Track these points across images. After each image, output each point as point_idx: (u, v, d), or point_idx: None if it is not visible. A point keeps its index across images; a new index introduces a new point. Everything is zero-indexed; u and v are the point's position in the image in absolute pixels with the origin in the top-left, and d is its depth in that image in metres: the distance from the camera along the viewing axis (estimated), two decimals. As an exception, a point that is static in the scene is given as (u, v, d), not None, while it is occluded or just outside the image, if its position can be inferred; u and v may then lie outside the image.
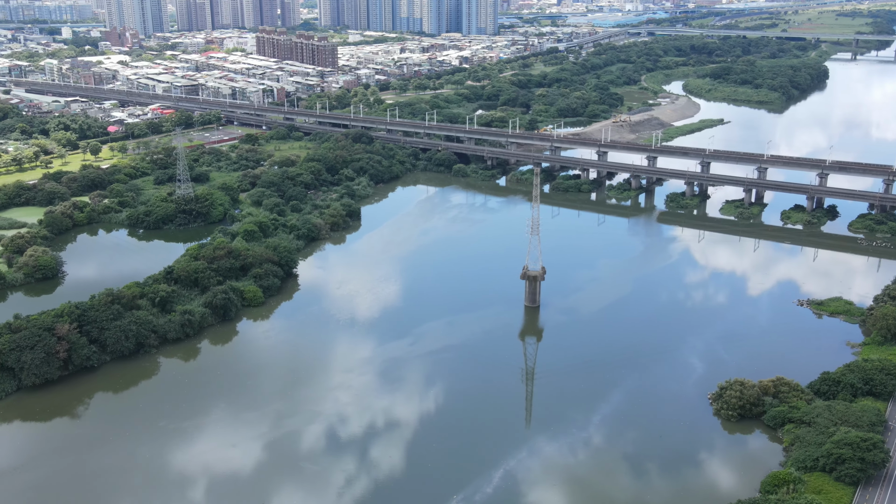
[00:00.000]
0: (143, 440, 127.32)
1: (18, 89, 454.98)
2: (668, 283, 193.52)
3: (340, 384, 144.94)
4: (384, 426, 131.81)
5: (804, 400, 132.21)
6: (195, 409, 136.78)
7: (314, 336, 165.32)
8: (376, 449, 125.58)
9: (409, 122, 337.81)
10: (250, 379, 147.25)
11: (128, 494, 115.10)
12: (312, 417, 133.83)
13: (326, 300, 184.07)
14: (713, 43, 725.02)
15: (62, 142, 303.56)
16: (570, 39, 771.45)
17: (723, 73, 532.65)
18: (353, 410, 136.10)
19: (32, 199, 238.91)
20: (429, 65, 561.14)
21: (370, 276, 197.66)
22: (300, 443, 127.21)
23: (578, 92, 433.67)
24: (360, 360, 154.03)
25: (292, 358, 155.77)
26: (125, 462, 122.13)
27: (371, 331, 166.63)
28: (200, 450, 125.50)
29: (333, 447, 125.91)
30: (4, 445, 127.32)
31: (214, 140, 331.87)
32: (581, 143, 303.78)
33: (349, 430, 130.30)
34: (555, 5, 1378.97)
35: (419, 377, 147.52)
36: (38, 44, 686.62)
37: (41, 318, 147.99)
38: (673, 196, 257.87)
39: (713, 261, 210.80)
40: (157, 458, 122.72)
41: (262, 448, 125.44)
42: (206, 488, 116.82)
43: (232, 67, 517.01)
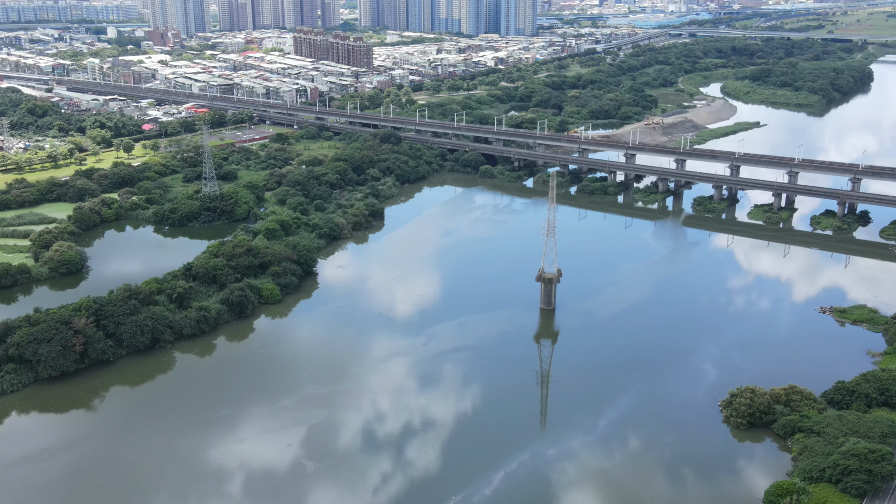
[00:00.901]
0: (153, 432, 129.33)
1: (60, 88, 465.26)
2: (688, 287, 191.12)
3: (351, 383, 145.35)
4: (391, 426, 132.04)
5: (816, 409, 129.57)
6: (206, 404, 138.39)
7: (328, 334, 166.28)
8: (381, 448, 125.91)
9: (437, 122, 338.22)
10: (261, 375, 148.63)
11: (138, 482, 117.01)
12: (322, 415, 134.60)
13: (343, 299, 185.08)
14: (755, 44, 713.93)
15: (97, 139, 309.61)
16: (609, 41, 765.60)
17: (762, 74, 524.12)
18: (362, 409, 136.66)
19: (64, 195, 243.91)
20: (464, 66, 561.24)
21: (388, 275, 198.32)
22: (307, 440, 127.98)
23: (612, 94, 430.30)
24: (372, 359, 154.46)
25: (305, 355, 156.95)
26: (138, 451, 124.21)
27: (386, 330, 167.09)
28: (209, 444, 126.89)
29: (342, 446, 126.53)
30: (20, 435, 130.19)
31: (245, 139, 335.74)
32: (608, 145, 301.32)
33: (357, 430, 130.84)
34: (596, 6, 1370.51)
35: (431, 377, 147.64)
36: (83, 43, 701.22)
37: (60, 312, 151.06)
38: (700, 200, 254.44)
39: (736, 266, 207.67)
40: (166, 450, 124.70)
41: (269, 443, 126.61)
42: (213, 481, 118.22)
43: (268, 67, 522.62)
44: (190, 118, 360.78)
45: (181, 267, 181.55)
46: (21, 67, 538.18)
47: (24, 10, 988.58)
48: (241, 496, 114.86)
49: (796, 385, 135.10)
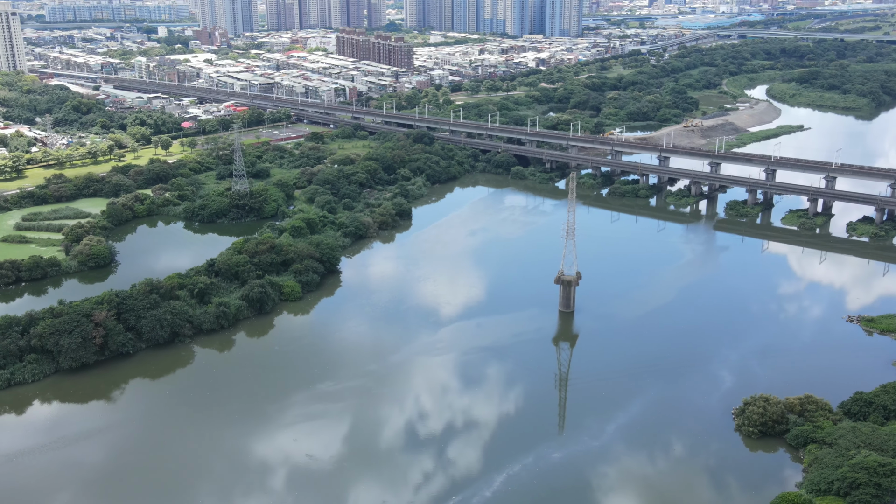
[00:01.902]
0: (171, 424, 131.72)
1: (108, 86, 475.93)
2: (712, 292, 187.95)
3: (365, 380, 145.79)
4: (401, 425, 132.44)
5: (832, 420, 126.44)
6: (221, 398, 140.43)
7: (346, 331, 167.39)
8: (388, 448, 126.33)
9: (471, 123, 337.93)
10: (274, 372, 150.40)
11: (149, 471, 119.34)
12: (333, 411, 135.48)
13: (364, 297, 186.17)
14: (805, 46, 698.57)
15: (136, 136, 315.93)
16: (654, 42, 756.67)
17: (810, 77, 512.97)
18: (373, 407, 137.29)
19: (100, 190, 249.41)
20: (504, 66, 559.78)
21: (411, 274, 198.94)
22: (317, 436, 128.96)
23: (651, 95, 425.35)
24: (388, 357, 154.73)
25: (320, 352, 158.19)
26: (155, 442, 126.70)
27: (404, 328, 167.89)
28: (221, 437, 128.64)
29: (350, 443, 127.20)
30: (40, 424, 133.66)
31: (281, 137, 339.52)
32: (642, 148, 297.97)
33: (367, 427, 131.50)
34: (645, 7, 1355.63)
35: (444, 376, 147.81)
36: (133, 42, 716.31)
37: (82, 305, 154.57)
38: (733, 204, 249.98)
39: (766, 271, 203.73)
40: (181, 440, 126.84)
41: (278, 437, 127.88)
42: (218, 473, 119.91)
43: (310, 66, 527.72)
44: (228, 116, 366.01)
45: (204, 263, 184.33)
46: (72, 66, 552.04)
47: (80, 9, 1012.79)
48: (250, 489, 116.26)
49: (812, 395, 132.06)
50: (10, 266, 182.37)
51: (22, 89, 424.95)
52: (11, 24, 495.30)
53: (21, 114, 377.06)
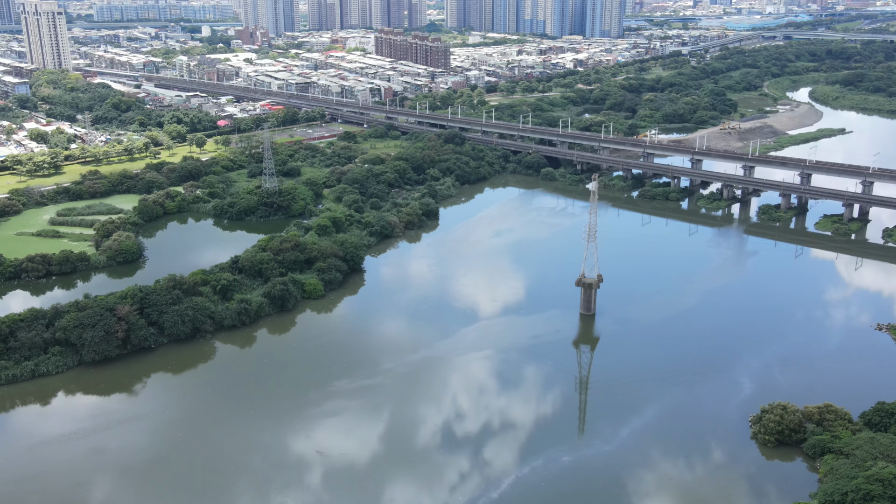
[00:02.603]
0: (186, 418, 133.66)
1: (149, 84, 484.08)
2: (737, 298, 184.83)
3: (380, 378, 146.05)
4: (413, 424, 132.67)
5: (851, 430, 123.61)
6: (241, 392, 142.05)
7: (365, 330, 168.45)
8: (401, 446, 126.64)
9: (503, 123, 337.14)
10: (291, 369, 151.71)
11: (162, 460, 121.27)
12: (346, 408, 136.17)
13: (386, 296, 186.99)
14: (853, 48, 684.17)
15: (172, 134, 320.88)
16: (696, 43, 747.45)
17: (855, 79, 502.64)
18: (387, 405, 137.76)
19: (133, 187, 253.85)
20: (542, 67, 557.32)
21: (434, 274, 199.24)
22: (329, 433, 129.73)
23: (689, 97, 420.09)
24: (405, 356, 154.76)
25: (338, 350, 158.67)
26: (173, 434, 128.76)
27: (423, 327, 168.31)
28: (242, 430, 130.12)
29: (359, 441, 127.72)
30: (62, 414, 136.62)
31: (315, 136, 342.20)
32: (674, 150, 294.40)
33: (379, 426, 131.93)
34: (690, 8, 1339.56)
35: (459, 378, 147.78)
36: (176, 41, 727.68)
37: (106, 299, 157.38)
38: (766, 208, 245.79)
39: (794, 277, 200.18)
40: (197, 434, 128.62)
41: (293, 434, 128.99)
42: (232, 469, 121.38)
43: (348, 66, 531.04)
44: (264, 115, 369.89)
45: (228, 260, 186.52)
46: (115, 64, 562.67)
47: (127, 9, 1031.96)
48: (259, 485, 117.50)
49: (832, 404, 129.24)
50: (41, 260, 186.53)
51: (66, 87, 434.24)
52: (58, 24, 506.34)
53: (63, 111, 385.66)
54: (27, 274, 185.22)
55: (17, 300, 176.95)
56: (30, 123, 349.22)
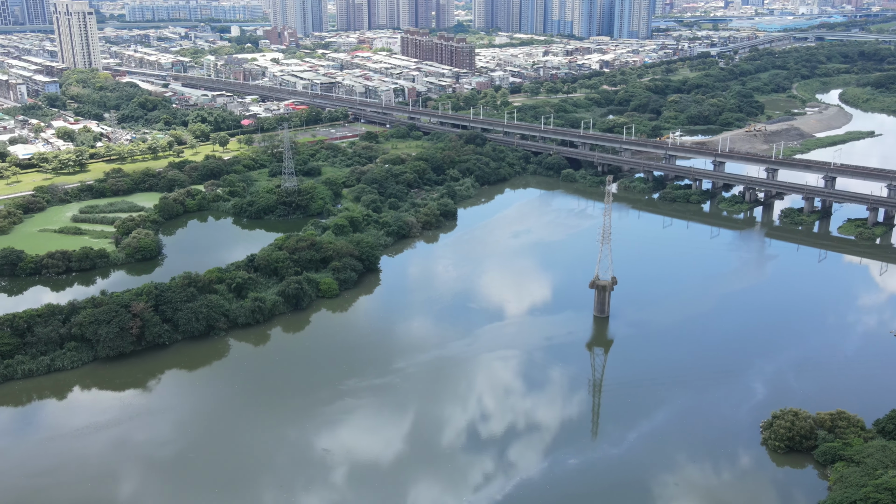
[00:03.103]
0: (200, 413, 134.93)
1: (176, 83, 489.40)
2: (754, 301, 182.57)
3: (391, 378, 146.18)
4: (421, 424, 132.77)
5: (863, 438, 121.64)
6: (254, 389, 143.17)
7: (377, 329, 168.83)
8: (404, 446, 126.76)
9: (525, 125, 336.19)
10: (301, 367, 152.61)
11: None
12: (354, 407, 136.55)
13: (400, 296, 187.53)
14: (886, 49, 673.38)
15: (196, 133, 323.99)
16: (726, 44, 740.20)
17: (887, 81, 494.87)
18: (396, 405, 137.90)
19: (155, 185, 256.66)
20: (567, 68, 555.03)
21: (448, 275, 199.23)
22: (334, 432, 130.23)
23: (714, 99, 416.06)
24: (416, 356, 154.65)
25: (350, 349, 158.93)
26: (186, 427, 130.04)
27: (436, 327, 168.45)
28: (245, 427, 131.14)
29: (365, 440, 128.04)
30: (82, 407, 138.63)
31: (337, 136, 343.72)
32: (696, 152, 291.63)
33: (387, 425, 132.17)
34: (721, 8, 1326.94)
35: (469, 378, 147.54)
36: (205, 41, 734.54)
37: (122, 296, 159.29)
38: (788, 211, 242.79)
39: (814, 282, 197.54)
40: (211, 429, 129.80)
41: (294, 431, 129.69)
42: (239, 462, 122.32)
43: (373, 66, 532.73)
44: (287, 115, 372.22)
45: (245, 258, 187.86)
46: (144, 64, 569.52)
47: (159, 9, 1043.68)
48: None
49: (845, 411, 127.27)
50: (61, 256, 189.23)
51: (95, 86, 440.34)
52: (88, 24, 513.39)
53: (91, 110, 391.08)
54: (47, 270, 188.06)
55: (36, 296, 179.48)
56: (58, 122, 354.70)
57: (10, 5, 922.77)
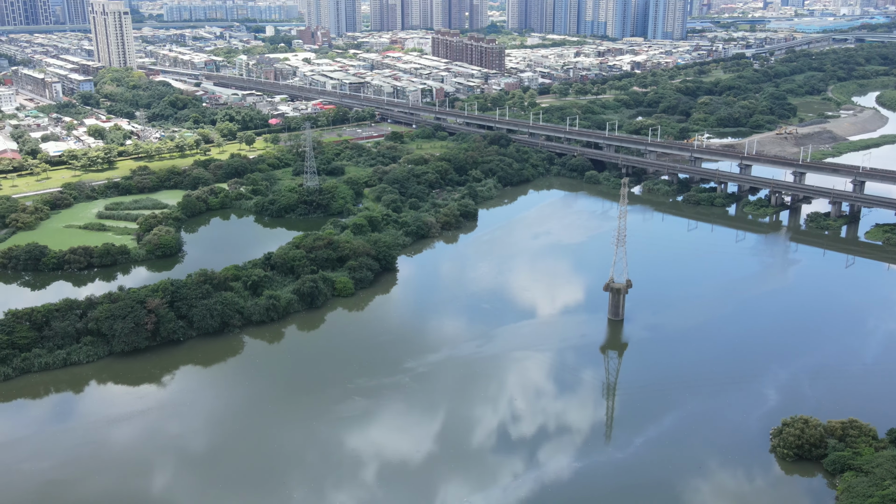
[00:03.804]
0: (213, 407, 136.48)
1: (208, 82, 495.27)
2: (773, 306, 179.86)
3: (401, 377, 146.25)
4: (427, 424, 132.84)
5: (875, 447, 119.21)
6: (261, 386, 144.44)
7: (390, 329, 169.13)
8: (415, 449, 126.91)
9: (550, 126, 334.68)
10: (312, 365, 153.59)
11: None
12: (362, 407, 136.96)
13: (415, 295, 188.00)
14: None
15: (223, 131, 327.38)
16: (762, 45, 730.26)
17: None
18: (403, 405, 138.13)
19: (180, 182, 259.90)
20: (598, 69, 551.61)
21: (465, 275, 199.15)
22: (339, 431, 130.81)
23: (746, 101, 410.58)
24: (426, 355, 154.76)
25: (362, 347, 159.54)
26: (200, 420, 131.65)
27: (448, 328, 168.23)
28: (262, 423, 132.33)
29: (371, 439, 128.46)
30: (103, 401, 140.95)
31: (363, 136, 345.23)
32: (722, 155, 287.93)
33: (393, 426, 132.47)
34: (760, 9, 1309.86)
35: (477, 379, 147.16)
36: (239, 41, 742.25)
37: (139, 292, 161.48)
38: (814, 216, 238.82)
39: (836, 288, 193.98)
40: (225, 424, 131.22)
41: (307, 430, 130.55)
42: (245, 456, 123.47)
43: (403, 67, 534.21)
44: (314, 114, 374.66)
45: (262, 256, 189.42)
46: (178, 63, 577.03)
47: (196, 9, 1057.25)
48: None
49: (857, 419, 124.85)
50: (83, 252, 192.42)
51: (128, 85, 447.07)
52: (123, 23, 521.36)
53: (123, 108, 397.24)
54: (69, 265, 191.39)
55: (58, 290, 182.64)
56: (90, 120, 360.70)
57: (51, 5, 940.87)
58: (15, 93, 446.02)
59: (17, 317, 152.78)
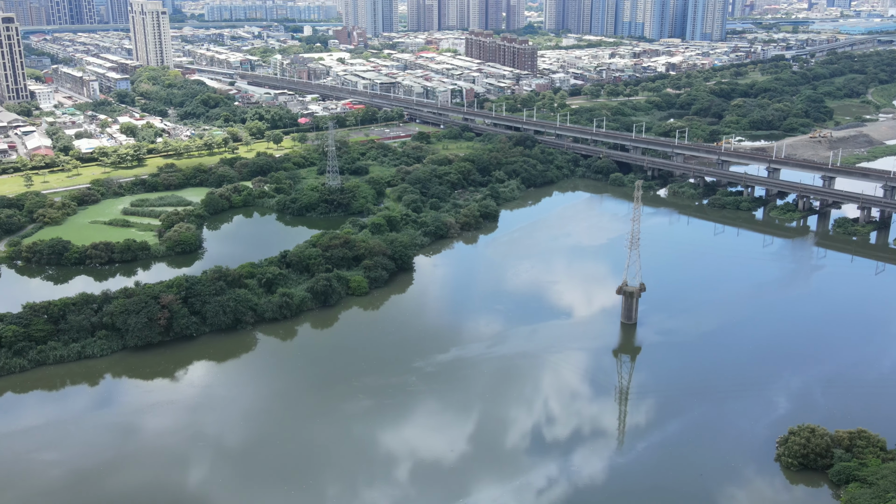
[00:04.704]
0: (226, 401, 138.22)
1: (242, 81, 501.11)
2: (792, 313, 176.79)
3: (408, 377, 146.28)
4: (432, 424, 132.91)
5: (882, 458, 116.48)
6: (270, 382, 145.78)
7: (400, 328, 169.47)
8: (409, 446, 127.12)
9: (577, 127, 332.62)
10: (321, 364, 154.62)
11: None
12: (366, 408, 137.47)
13: (429, 295, 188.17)
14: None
15: (252, 130, 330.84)
16: (803, 47, 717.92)
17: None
18: (408, 406, 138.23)
19: (206, 180, 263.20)
20: (632, 70, 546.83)
21: (480, 277, 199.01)
22: (341, 431, 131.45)
23: (780, 103, 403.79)
24: (435, 356, 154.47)
25: (371, 346, 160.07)
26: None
27: (459, 329, 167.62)
28: (270, 419, 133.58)
29: (376, 439, 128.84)
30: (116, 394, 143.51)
31: (390, 136, 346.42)
32: (750, 158, 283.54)
33: (397, 426, 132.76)
34: (804, 10, 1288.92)
35: (483, 380, 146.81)
36: (276, 41, 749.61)
37: (154, 287, 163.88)
38: (842, 221, 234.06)
39: (858, 295, 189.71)
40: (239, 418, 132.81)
41: (309, 429, 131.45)
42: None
43: (435, 67, 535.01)
44: (343, 114, 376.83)
45: (278, 254, 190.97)
46: (215, 62, 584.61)
47: (236, 9, 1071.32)
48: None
49: (866, 430, 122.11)
50: (104, 247, 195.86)
51: (164, 83, 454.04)
52: (161, 23, 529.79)
53: (157, 106, 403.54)
54: (91, 260, 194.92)
55: (79, 285, 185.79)
56: (124, 117, 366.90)
57: (95, 5, 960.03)
58: (55, 91, 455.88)
59: (35, 310, 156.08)
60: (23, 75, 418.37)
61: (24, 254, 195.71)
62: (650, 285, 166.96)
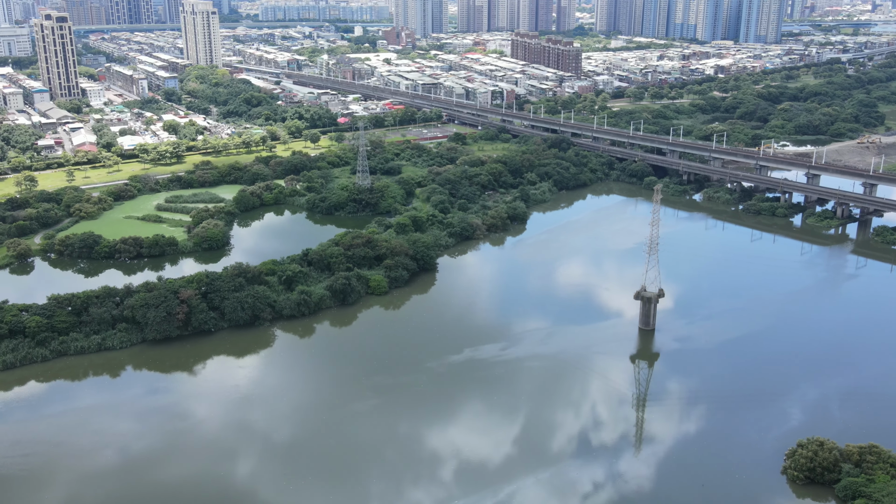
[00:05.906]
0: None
1: (287, 81, 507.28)
2: (818, 322, 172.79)
3: (418, 377, 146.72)
4: (436, 425, 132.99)
5: (891, 475, 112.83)
6: (280, 378, 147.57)
7: (417, 327, 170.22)
8: (415, 448, 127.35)
9: (614, 130, 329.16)
10: (332, 362, 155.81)
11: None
12: (372, 406, 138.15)
13: (450, 296, 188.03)
14: None
15: (290, 129, 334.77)
16: (861, 50, 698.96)
17: None
18: (412, 407, 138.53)
19: (240, 178, 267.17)
20: (679, 73, 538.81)
21: (503, 278, 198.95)
22: (343, 429, 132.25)
23: (829, 108, 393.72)
24: (448, 356, 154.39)
25: (385, 345, 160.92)
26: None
27: (476, 330, 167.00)
28: (275, 416, 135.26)
29: (378, 440, 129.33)
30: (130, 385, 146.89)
31: (427, 136, 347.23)
32: (789, 163, 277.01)
33: (399, 426, 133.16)
34: (868, 11, 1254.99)
35: (489, 382, 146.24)
36: (326, 41, 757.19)
37: (174, 282, 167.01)
38: (881, 230, 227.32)
39: (888, 304, 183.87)
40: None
41: (316, 428, 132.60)
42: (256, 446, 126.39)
43: (479, 68, 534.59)
44: (382, 114, 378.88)
45: (300, 252, 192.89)
46: (263, 62, 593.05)
47: (290, 9, 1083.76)
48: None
49: (878, 445, 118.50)
50: (133, 242, 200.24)
51: (211, 82, 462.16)
52: (211, 22, 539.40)
53: (202, 104, 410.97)
54: (120, 254, 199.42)
55: (105, 278, 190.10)
56: (168, 115, 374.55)
57: (153, 5, 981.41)
58: (106, 88, 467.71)
59: (59, 302, 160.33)
60: (75, 73, 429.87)
61: (56, 247, 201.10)
62: (678, 291, 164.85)
